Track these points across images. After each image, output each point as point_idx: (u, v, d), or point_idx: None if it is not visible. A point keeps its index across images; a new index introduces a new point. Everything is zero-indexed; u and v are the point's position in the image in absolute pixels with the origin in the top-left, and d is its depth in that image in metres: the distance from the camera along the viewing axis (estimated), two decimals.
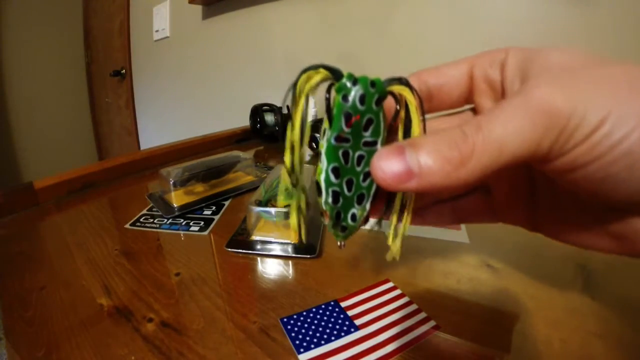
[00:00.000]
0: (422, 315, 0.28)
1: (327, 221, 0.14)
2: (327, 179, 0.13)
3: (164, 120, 1.67)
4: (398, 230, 0.14)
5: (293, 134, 0.12)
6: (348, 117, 0.12)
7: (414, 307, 0.29)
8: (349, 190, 0.14)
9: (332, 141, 0.13)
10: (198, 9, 1.28)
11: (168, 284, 0.33)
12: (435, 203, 0.17)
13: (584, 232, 0.13)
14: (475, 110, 0.16)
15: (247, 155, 0.59)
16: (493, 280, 0.32)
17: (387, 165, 0.11)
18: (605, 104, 0.10)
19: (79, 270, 0.35)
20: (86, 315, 0.29)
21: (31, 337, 0.27)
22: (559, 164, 0.11)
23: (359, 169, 0.13)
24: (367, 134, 0.13)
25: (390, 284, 0.32)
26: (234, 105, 1.27)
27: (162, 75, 1.58)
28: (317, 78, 0.12)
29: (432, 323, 0.27)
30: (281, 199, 0.39)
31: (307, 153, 0.72)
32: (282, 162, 0.13)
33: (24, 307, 0.30)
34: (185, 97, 1.50)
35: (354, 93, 0.12)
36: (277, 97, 0.96)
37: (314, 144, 0.68)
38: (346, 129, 0.13)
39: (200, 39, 1.32)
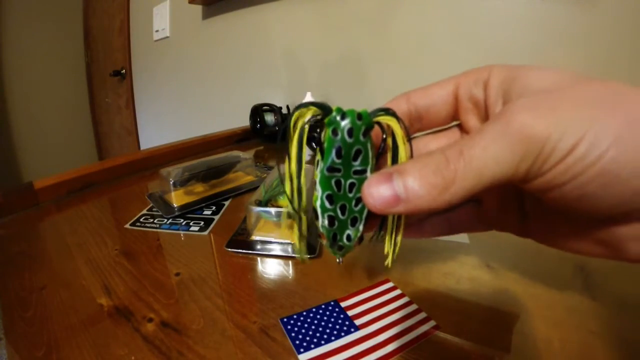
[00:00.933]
0: (422, 315, 0.28)
1: (324, 242, 0.16)
2: (322, 205, 0.15)
3: (164, 120, 1.67)
4: (393, 242, 0.16)
5: (290, 166, 0.14)
6: (338, 150, 0.14)
7: (414, 307, 0.29)
8: (343, 214, 0.15)
9: (325, 172, 0.14)
10: (198, 9, 1.28)
11: (168, 284, 0.33)
12: (431, 216, 0.18)
13: (571, 238, 0.14)
14: (461, 127, 0.17)
15: (247, 155, 0.59)
16: (493, 280, 0.32)
17: (376, 191, 0.12)
18: (580, 126, 0.10)
19: (79, 270, 0.35)
20: (86, 315, 0.29)
21: (31, 337, 0.27)
22: (537, 184, 0.11)
23: (351, 195, 0.14)
24: (357, 163, 0.14)
25: (390, 284, 0.32)
26: (234, 105, 1.27)
27: (162, 75, 1.58)
28: (308, 114, 0.13)
29: (432, 323, 0.27)
30: (282, 204, 0.40)
31: (308, 153, 0.72)
32: (282, 164, 0.14)
33: (24, 307, 0.30)
34: (185, 97, 1.50)
35: (343, 127, 0.13)
36: (277, 97, 0.96)
37: (313, 144, 0.69)
38: (337, 160, 0.14)
39: (200, 39, 1.32)
